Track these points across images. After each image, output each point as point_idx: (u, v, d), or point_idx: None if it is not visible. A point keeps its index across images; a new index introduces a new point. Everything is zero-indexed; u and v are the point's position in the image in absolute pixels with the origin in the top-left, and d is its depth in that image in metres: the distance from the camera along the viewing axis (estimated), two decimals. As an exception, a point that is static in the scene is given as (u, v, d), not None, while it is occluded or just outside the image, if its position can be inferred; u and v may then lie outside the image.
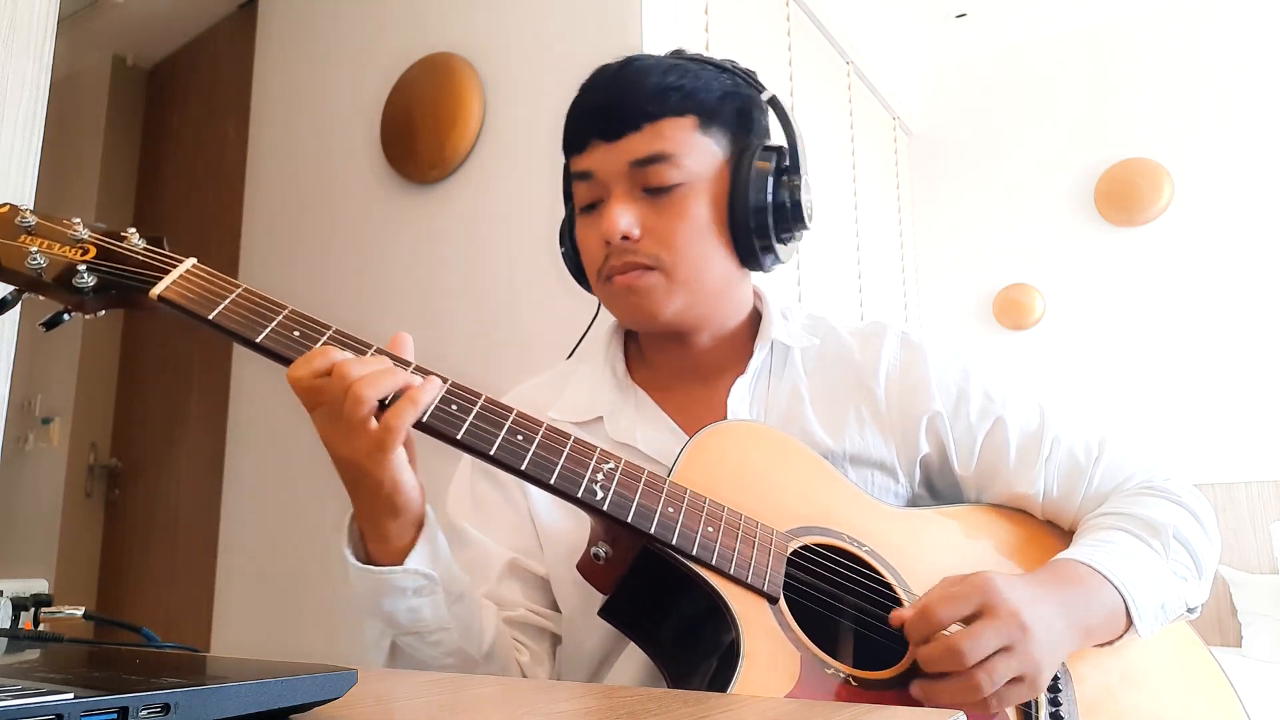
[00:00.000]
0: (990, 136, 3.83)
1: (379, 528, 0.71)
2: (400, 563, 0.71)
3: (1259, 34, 3.39)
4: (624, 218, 0.83)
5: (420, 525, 0.73)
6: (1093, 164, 3.59)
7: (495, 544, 0.89)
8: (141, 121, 3.39)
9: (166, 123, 3.30)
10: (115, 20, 3.11)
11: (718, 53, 2.20)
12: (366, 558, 0.73)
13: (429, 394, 0.66)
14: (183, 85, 3.26)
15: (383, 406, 0.65)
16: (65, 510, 3.01)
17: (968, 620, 0.68)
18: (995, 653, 0.66)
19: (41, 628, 1.20)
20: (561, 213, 0.98)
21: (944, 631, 0.68)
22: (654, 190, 0.84)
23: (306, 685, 0.40)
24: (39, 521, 3.02)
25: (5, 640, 0.69)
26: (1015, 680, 0.67)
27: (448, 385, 0.69)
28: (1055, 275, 3.62)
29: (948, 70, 3.96)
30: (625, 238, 0.83)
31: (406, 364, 0.69)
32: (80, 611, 0.90)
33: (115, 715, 0.32)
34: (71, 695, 0.32)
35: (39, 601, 1.29)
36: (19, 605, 1.27)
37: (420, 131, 2.27)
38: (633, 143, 0.84)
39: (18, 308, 0.66)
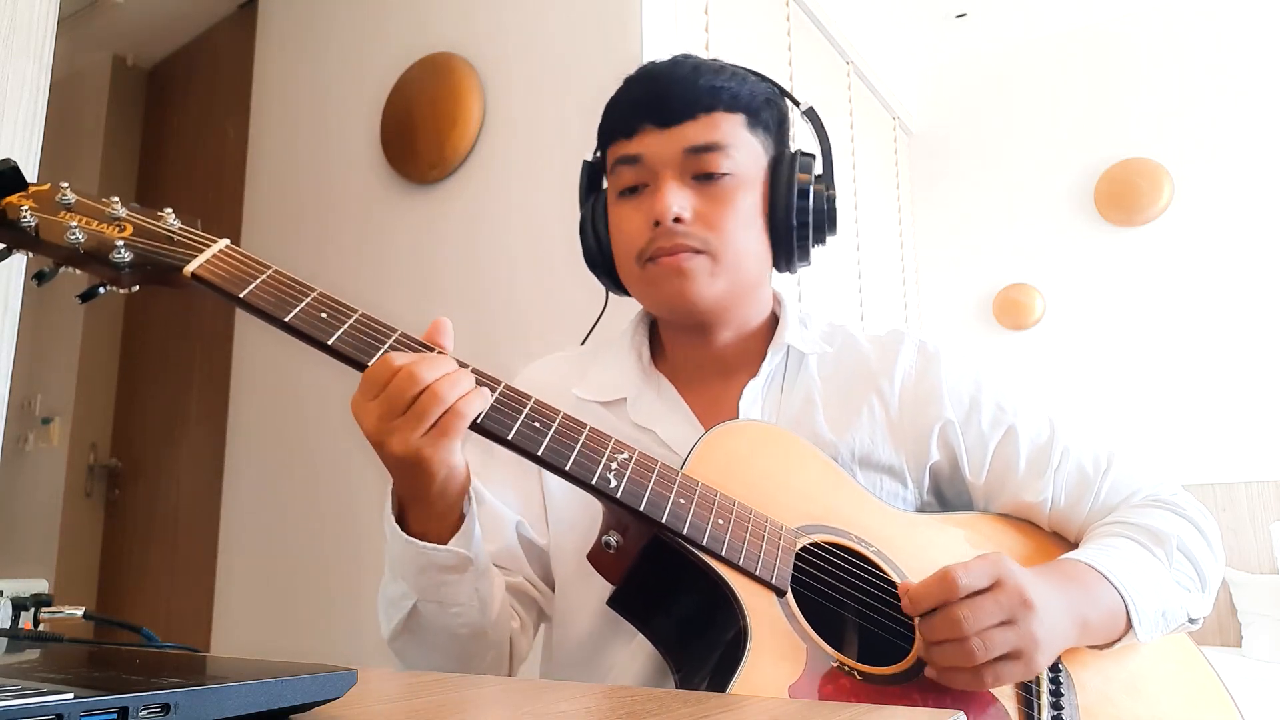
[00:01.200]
0: (990, 136, 3.83)
1: (428, 509, 0.73)
2: (444, 541, 0.73)
3: (1259, 34, 3.39)
4: (677, 199, 0.85)
5: (463, 505, 0.75)
6: (1093, 164, 3.59)
7: (504, 506, 0.91)
8: (141, 121, 3.39)
9: (166, 123, 3.30)
10: (115, 20, 3.11)
11: (717, 53, 2.21)
12: (405, 528, 0.74)
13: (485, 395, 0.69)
14: (183, 85, 3.26)
15: None
16: (65, 510, 3.01)
17: (978, 593, 0.69)
18: (995, 625, 0.67)
19: (41, 628, 1.20)
20: (566, 209, 0.98)
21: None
22: (704, 177, 0.87)
23: (306, 685, 0.40)
24: (39, 521, 3.02)
25: (5, 640, 0.69)
26: (1011, 656, 0.68)
27: (468, 370, 0.70)
28: (1055, 275, 3.62)
29: (948, 70, 3.96)
30: (677, 219, 0.85)
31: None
32: (80, 611, 0.90)
33: (115, 715, 0.32)
34: (71, 695, 0.32)
35: (39, 601, 1.29)
36: (19, 605, 1.27)
37: (420, 131, 2.27)
38: (688, 130, 0.87)
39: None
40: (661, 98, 0.88)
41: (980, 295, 3.75)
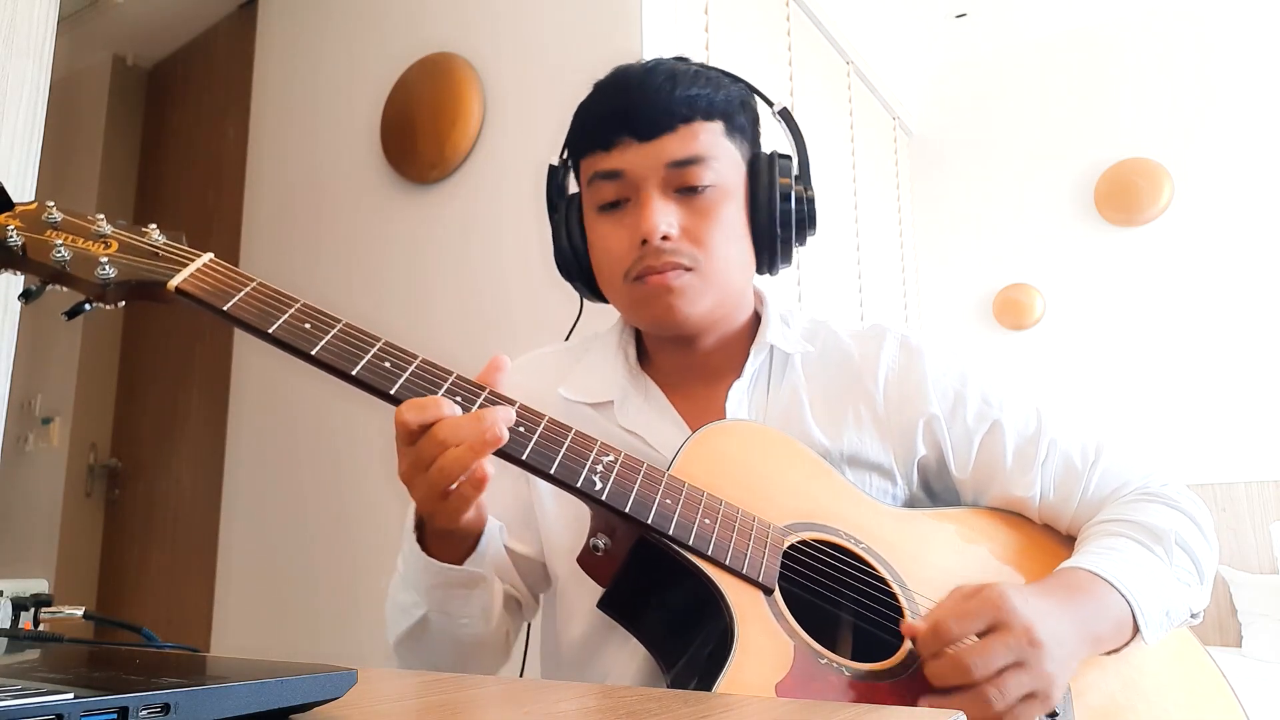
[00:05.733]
0: (990, 136, 3.83)
1: (444, 540, 0.76)
2: (459, 561, 0.77)
3: (1259, 34, 3.39)
4: (664, 216, 0.84)
5: (480, 533, 0.78)
6: (1092, 164, 3.59)
7: (492, 518, 0.91)
8: (141, 121, 3.39)
9: (166, 123, 3.30)
10: (115, 20, 3.11)
11: (717, 52, 2.21)
12: (423, 544, 0.77)
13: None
14: (183, 85, 3.26)
15: None
16: (65, 510, 3.01)
17: (980, 635, 0.68)
18: (1006, 668, 0.66)
19: (41, 628, 1.20)
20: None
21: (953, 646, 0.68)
22: (687, 191, 0.86)
23: (306, 685, 0.40)
24: (39, 521, 3.02)
25: (5, 640, 0.69)
26: (1028, 696, 0.67)
27: (454, 377, 0.71)
28: (1055, 275, 3.62)
29: (948, 70, 3.96)
30: (665, 237, 0.84)
31: (510, 402, 0.71)
32: (80, 611, 0.90)
33: (115, 715, 0.32)
34: (71, 695, 0.32)
35: (39, 601, 1.29)
36: (19, 605, 1.27)
37: (420, 131, 2.27)
38: (668, 143, 0.85)
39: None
40: (639, 110, 0.86)
41: (980, 295, 3.75)
